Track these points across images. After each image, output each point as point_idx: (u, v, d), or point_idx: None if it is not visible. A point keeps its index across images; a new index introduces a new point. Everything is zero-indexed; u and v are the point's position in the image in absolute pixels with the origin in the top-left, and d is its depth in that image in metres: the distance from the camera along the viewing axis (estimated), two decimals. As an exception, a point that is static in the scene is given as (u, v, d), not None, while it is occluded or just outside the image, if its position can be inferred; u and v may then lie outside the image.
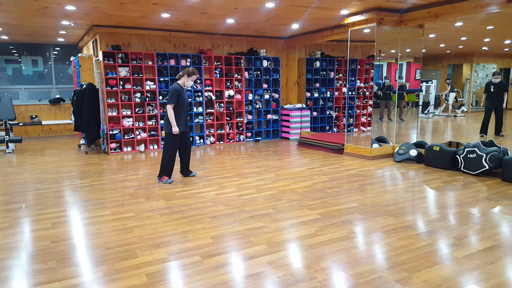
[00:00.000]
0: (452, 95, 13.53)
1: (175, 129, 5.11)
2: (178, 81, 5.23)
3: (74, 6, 6.04)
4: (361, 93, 10.84)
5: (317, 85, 10.25)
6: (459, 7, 5.85)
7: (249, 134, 9.60)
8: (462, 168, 5.80)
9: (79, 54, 8.97)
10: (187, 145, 5.54)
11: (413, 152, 6.58)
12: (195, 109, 8.78)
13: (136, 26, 7.97)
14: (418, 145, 6.85)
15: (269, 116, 9.78)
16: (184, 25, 7.83)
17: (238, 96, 9.27)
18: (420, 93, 13.36)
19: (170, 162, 5.34)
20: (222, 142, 9.26)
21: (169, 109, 5.09)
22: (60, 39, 9.83)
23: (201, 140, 8.98)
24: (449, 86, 13.35)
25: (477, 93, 17.52)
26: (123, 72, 7.90)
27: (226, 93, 9.08)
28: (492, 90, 8.89)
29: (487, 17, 7.15)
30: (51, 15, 6.71)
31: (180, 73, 5.25)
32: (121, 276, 2.74)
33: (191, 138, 5.36)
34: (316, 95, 10.26)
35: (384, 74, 10.94)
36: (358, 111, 10.93)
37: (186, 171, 5.71)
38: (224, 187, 5.14)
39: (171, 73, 8.44)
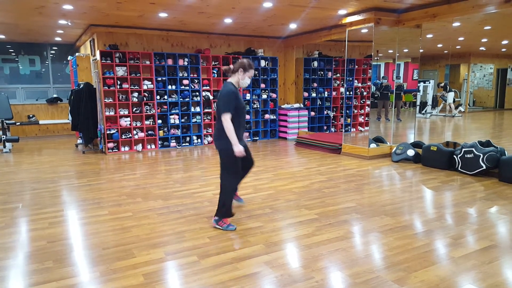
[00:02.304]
0: (451, 94, 13.56)
1: (238, 149, 3.40)
2: (230, 80, 3.60)
3: (71, 5, 6.02)
4: (359, 93, 10.85)
5: (315, 85, 10.25)
6: (457, 7, 5.86)
7: (246, 134, 9.57)
8: (459, 168, 5.81)
9: (77, 54, 8.95)
10: (249, 162, 3.98)
11: (411, 152, 6.59)
12: (192, 109, 8.76)
13: (133, 26, 7.95)
14: (416, 145, 6.86)
15: (266, 116, 9.78)
16: (181, 24, 7.82)
17: (236, 96, 9.25)
18: (418, 93, 13.38)
19: (231, 192, 3.65)
20: (219, 142, 9.24)
21: (226, 120, 3.39)
22: (58, 39, 9.80)
23: (199, 140, 8.97)
24: (445, 88, 13.39)
25: (474, 93, 17.57)
26: (120, 71, 7.89)
27: (224, 92, 9.06)
28: None
29: (485, 17, 7.18)
30: (48, 14, 6.68)
31: (231, 66, 3.61)
32: (118, 276, 2.73)
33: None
34: (313, 95, 10.26)
35: (382, 74, 10.96)
36: (355, 111, 10.93)
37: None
38: (222, 187, 5.13)
39: (168, 73, 8.42)
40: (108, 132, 7.91)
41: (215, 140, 3.62)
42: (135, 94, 8.10)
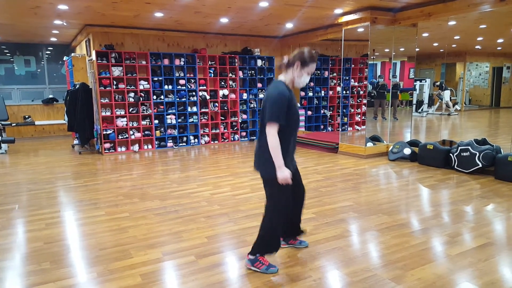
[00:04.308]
0: (447, 92, 13.60)
1: (283, 174, 2.54)
2: (282, 78, 2.69)
3: (67, 6, 6.00)
4: (355, 92, 10.87)
5: (312, 84, 10.26)
6: (452, 6, 5.88)
7: (243, 134, 9.59)
8: (455, 167, 5.83)
9: (72, 54, 8.91)
10: (298, 191, 2.99)
11: (407, 151, 6.61)
12: (189, 109, 8.75)
13: (129, 26, 7.93)
14: (412, 143, 6.88)
15: (263, 116, 9.75)
16: (177, 24, 7.80)
17: (233, 96, 9.26)
18: (414, 92, 13.42)
19: (275, 230, 2.78)
20: (216, 142, 9.25)
21: (271, 133, 2.50)
22: (53, 39, 9.76)
23: (196, 140, 8.96)
24: (440, 87, 13.43)
25: (470, 92, 17.64)
26: (116, 71, 7.86)
27: (221, 92, 9.07)
28: None
29: (480, 16, 7.19)
30: (43, 15, 6.65)
31: (285, 59, 2.67)
32: (116, 277, 2.73)
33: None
34: (310, 94, 10.27)
35: (378, 73, 10.98)
36: (352, 110, 10.95)
37: (294, 232, 3.17)
38: (219, 187, 5.14)
39: (164, 73, 8.40)
40: (104, 132, 7.89)
41: (257, 160, 2.71)
42: (132, 94, 8.08)
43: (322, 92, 10.46)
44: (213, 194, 4.78)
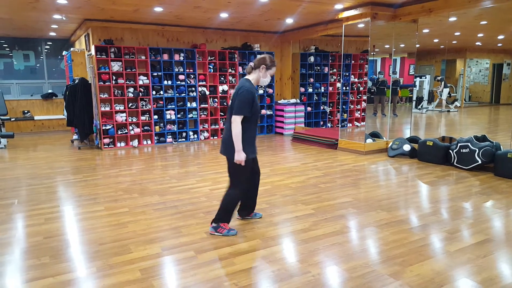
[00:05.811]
0: (446, 91, 13.61)
1: (239, 156, 3.15)
2: (249, 77, 3.32)
3: (66, 0, 5.97)
4: (355, 88, 10.85)
5: (311, 80, 10.24)
6: (453, 1, 5.86)
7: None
8: (455, 163, 5.84)
9: (71, 49, 8.89)
10: (255, 179, 3.58)
11: (407, 147, 6.61)
12: (188, 104, 8.74)
13: (128, 20, 7.90)
14: (412, 140, 6.88)
15: (263, 112, 9.77)
16: (177, 19, 7.77)
17: (232, 91, 9.24)
18: (414, 88, 13.40)
19: (235, 202, 3.37)
20: (216, 138, 9.24)
21: (237, 122, 3.11)
22: (52, 33, 9.72)
23: (195, 136, 8.95)
24: (442, 82, 13.43)
25: (470, 88, 17.63)
26: (115, 66, 7.84)
27: (220, 88, 9.05)
28: None
29: (481, 12, 7.18)
30: (42, 9, 6.62)
31: (251, 63, 3.31)
32: (115, 272, 2.73)
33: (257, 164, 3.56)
34: (310, 90, 10.25)
35: (378, 69, 10.95)
36: (352, 106, 10.94)
37: (248, 210, 3.73)
38: (218, 182, 5.14)
39: (164, 68, 8.38)
40: (103, 127, 7.87)
41: (223, 145, 3.28)
42: (131, 90, 8.06)
43: (322, 88, 10.44)
44: (213, 190, 4.79)
